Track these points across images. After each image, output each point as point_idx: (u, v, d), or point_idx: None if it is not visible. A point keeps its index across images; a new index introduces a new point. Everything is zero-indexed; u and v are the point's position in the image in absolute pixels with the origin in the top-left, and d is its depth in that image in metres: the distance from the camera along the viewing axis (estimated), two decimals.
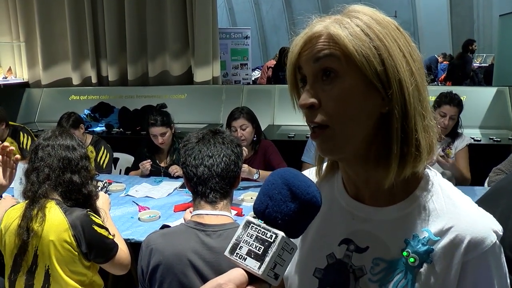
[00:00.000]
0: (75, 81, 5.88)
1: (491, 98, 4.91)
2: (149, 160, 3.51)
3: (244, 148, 1.64)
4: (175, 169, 3.46)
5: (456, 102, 3.16)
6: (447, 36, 12.68)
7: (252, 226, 0.65)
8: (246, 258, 0.63)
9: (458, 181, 3.21)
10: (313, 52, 0.76)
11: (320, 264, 0.87)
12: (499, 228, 0.77)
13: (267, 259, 0.61)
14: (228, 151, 1.57)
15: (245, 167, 3.15)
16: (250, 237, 0.64)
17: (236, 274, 0.62)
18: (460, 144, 3.30)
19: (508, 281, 0.79)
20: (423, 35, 12.66)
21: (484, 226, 0.76)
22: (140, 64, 5.72)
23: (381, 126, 0.76)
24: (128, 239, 2.36)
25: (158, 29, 5.56)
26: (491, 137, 4.29)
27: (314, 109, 0.76)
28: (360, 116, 0.75)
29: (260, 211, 0.67)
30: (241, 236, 0.65)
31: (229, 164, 1.55)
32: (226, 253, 0.65)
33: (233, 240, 0.65)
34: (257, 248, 0.63)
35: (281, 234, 0.63)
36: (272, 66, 8.67)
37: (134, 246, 2.28)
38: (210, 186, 1.53)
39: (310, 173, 0.96)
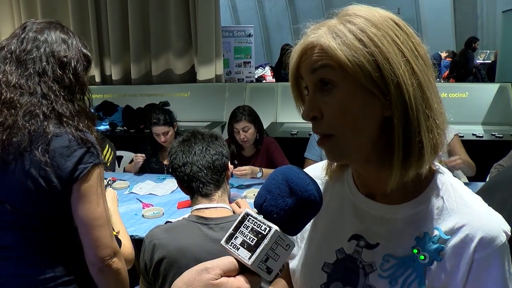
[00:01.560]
0: None
1: (494, 94, 4.90)
2: (143, 155, 3.53)
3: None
4: None
5: None
6: (451, 33, 12.66)
7: (249, 218, 0.66)
8: (239, 248, 0.64)
9: (466, 171, 3.19)
10: (309, 64, 0.77)
11: (329, 259, 0.89)
12: (508, 228, 0.78)
13: (258, 250, 0.62)
14: (210, 144, 1.65)
15: (247, 169, 3.18)
16: (246, 229, 0.65)
17: (225, 262, 0.64)
18: (448, 136, 3.30)
19: None
20: (427, 32, 12.63)
21: (495, 225, 0.77)
22: (143, 62, 5.75)
23: (385, 129, 0.76)
24: (132, 235, 2.38)
25: (161, 28, 5.59)
26: (493, 133, 4.29)
27: (318, 120, 0.77)
28: (362, 123, 0.76)
29: (258, 204, 0.69)
30: (237, 227, 0.66)
31: (212, 155, 1.63)
32: (222, 241, 0.66)
33: (230, 230, 0.67)
34: (251, 239, 0.64)
35: (274, 227, 0.64)
36: None
37: (138, 242, 2.30)
38: (200, 180, 1.60)
39: (316, 168, 0.98)
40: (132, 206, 2.90)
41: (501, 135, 4.22)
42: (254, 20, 15.09)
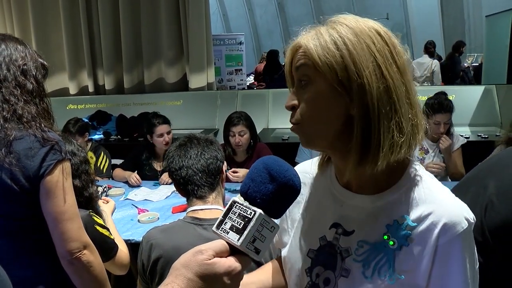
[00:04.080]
0: (72, 90, 5.96)
1: (480, 96, 5.03)
2: (140, 181, 3.56)
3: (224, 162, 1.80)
4: (165, 178, 3.52)
5: (447, 108, 3.18)
6: (440, 37, 12.80)
7: (236, 205, 0.74)
8: (229, 232, 0.72)
9: (453, 176, 3.30)
10: (294, 62, 0.89)
11: (313, 246, 0.97)
12: (471, 216, 0.86)
13: (246, 232, 0.70)
14: (205, 149, 1.73)
15: (239, 175, 3.25)
16: (234, 214, 0.73)
17: (217, 244, 0.72)
18: (455, 146, 3.37)
19: (477, 265, 0.88)
20: (416, 37, 12.77)
21: (457, 213, 0.84)
22: (136, 72, 5.82)
23: (349, 126, 0.85)
24: (129, 239, 2.45)
25: (153, 37, 5.66)
26: (479, 134, 4.40)
27: (295, 110, 0.89)
28: (326, 116, 0.86)
29: (243, 192, 0.76)
30: (226, 214, 0.74)
31: (207, 159, 1.70)
32: (214, 227, 0.74)
33: (220, 217, 0.75)
34: (238, 223, 0.72)
35: (259, 211, 0.72)
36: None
37: (134, 247, 2.37)
38: (195, 183, 1.67)
39: (305, 165, 1.08)
40: (128, 211, 2.97)
41: (486, 136, 4.34)
42: (245, 27, 15.17)
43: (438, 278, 0.84)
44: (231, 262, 0.70)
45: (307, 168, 1.06)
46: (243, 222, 0.71)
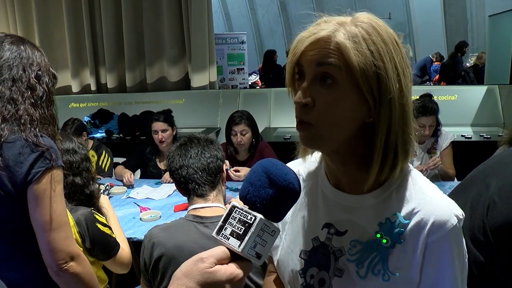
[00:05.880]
0: (75, 88, 5.97)
1: (482, 96, 5.02)
2: (131, 182, 3.52)
3: (226, 161, 1.79)
4: (168, 176, 3.50)
5: (431, 111, 3.16)
6: (442, 37, 12.77)
7: (236, 210, 0.73)
8: (229, 237, 0.70)
9: (443, 178, 3.30)
10: (317, 56, 0.82)
11: (306, 247, 0.97)
12: (460, 213, 0.86)
13: (246, 238, 0.69)
14: (205, 148, 1.74)
15: (241, 174, 3.25)
16: (234, 220, 0.72)
17: (218, 251, 0.70)
18: (444, 143, 3.36)
19: (466, 260, 0.89)
20: (418, 36, 12.75)
21: (447, 210, 0.85)
22: (138, 70, 5.83)
23: (364, 134, 0.85)
24: (131, 237, 2.45)
25: (155, 36, 5.67)
26: (482, 134, 4.39)
27: (307, 107, 0.84)
28: (346, 121, 0.84)
29: (243, 196, 0.75)
30: (226, 219, 0.73)
31: (207, 158, 1.72)
32: (214, 233, 0.73)
33: (220, 222, 0.73)
34: (239, 229, 0.70)
35: (259, 216, 0.70)
36: None
37: (136, 245, 2.37)
38: (196, 181, 1.69)
39: (301, 164, 1.06)
40: (130, 210, 2.97)
41: (489, 136, 4.33)
42: (247, 27, 15.15)
43: (429, 272, 0.85)
44: (233, 269, 0.70)
45: (295, 169, 1.02)
46: (243, 228, 0.70)
